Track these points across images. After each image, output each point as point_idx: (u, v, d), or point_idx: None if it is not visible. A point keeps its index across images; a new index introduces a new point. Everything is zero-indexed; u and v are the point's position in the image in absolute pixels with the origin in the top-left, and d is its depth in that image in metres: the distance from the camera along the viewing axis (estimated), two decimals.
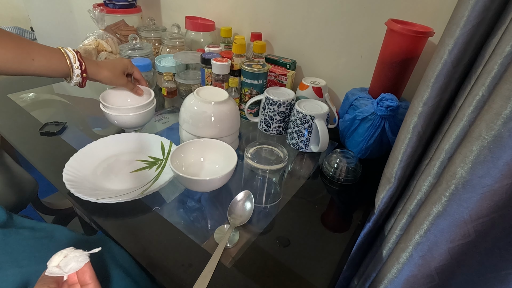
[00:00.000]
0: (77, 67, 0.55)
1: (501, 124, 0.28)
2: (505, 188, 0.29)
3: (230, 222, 0.46)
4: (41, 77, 0.61)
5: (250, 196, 0.49)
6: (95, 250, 0.31)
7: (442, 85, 0.40)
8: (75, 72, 0.55)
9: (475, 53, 0.40)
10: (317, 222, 0.49)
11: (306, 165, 0.63)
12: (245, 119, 0.75)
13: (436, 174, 0.41)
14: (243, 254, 0.43)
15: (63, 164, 0.51)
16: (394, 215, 0.52)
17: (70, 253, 0.30)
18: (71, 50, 0.55)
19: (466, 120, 0.36)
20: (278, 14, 0.81)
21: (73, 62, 0.54)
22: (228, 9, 0.90)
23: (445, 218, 0.34)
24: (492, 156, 0.29)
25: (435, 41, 0.60)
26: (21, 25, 1.62)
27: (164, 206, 0.49)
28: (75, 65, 0.55)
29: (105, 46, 0.93)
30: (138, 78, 0.68)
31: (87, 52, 0.91)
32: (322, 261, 0.43)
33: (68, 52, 0.54)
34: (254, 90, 0.70)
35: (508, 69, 0.29)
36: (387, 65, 0.61)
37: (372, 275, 0.49)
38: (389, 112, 0.57)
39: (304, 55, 0.81)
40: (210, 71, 0.71)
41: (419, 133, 0.44)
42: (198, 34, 0.89)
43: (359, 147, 0.64)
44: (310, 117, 0.62)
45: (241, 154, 0.63)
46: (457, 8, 0.37)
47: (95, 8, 0.88)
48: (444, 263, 0.35)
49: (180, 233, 0.44)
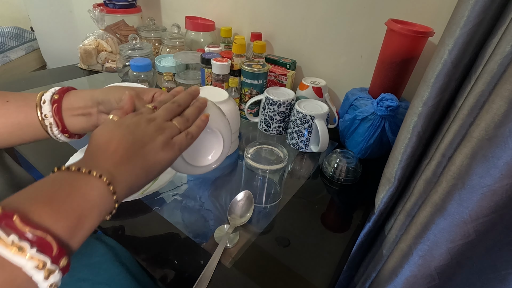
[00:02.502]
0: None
1: (501, 124, 0.28)
2: (505, 188, 0.29)
3: (230, 222, 0.46)
4: (40, 77, 0.59)
5: (250, 196, 0.49)
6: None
7: (442, 85, 0.40)
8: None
9: (475, 53, 0.40)
10: (317, 222, 0.49)
11: (306, 165, 0.63)
12: (245, 119, 0.75)
13: (436, 174, 0.41)
14: (243, 254, 0.43)
15: (63, 164, 0.50)
16: (394, 215, 0.52)
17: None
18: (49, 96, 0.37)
19: (466, 120, 0.36)
20: (278, 14, 0.81)
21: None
22: (228, 9, 0.90)
23: (445, 218, 0.34)
24: (492, 156, 0.29)
25: (435, 41, 0.60)
26: (21, 25, 1.62)
27: (164, 206, 0.49)
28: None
29: (105, 46, 0.93)
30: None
31: (87, 52, 0.91)
32: (322, 261, 0.43)
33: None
34: (254, 90, 0.70)
35: (508, 69, 0.29)
36: (387, 65, 0.61)
37: (372, 275, 0.49)
38: (389, 112, 0.57)
39: (304, 55, 0.81)
40: (210, 71, 0.71)
41: (419, 133, 0.44)
42: (198, 34, 0.89)
43: (359, 147, 0.64)
44: (310, 117, 0.62)
45: (241, 154, 0.63)
46: (457, 8, 0.37)
47: (95, 8, 0.88)
48: (444, 263, 0.35)
49: (180, 233, 0.44)
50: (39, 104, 0.36)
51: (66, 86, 0.39)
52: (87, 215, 0.23)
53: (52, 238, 0.20)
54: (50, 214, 0.21)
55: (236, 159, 0.63)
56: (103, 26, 0.92)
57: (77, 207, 0.23)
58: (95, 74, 0.93)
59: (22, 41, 1.58)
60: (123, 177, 0.27)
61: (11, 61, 1.52)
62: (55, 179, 0.24)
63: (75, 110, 0.37)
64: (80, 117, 0.37)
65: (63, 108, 0.36)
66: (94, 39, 0.92)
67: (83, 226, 0.23)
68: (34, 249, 0.18)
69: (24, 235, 0.18)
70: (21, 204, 0.20)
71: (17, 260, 0.18)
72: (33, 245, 0.18)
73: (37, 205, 0.20)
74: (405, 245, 0.39)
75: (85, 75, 0.92)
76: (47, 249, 0.19)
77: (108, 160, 0.27)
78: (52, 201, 0.21)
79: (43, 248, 0.19)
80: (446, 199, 0.33)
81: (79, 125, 0.37)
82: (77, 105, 0.37)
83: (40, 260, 0.18)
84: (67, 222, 0.21)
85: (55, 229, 0.20)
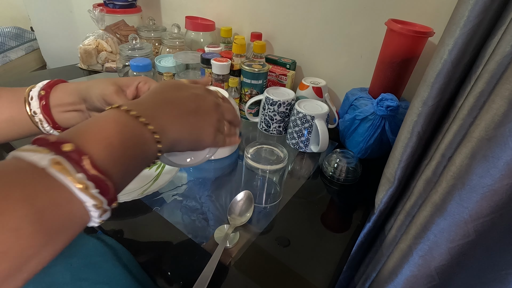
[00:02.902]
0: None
1: (501, 124, 0.28)
2: (505, 188, 0.29)
3: (230, 222, 0.46)
4: (40, 77, 0.58)
5: (250, 196, 0.49)
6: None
7: (442, 85, 0.40)
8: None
9: (475, 53, 0.40)
10: (317, 222, 0.49)
11: (306, 165, 0.63)
12: (245, 119, 0.75)
13: (436, 174, 0.41)
14: (243, 254, 0.43)
15: None
16: (394, 215, 0.52)
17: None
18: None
19: (466, 120, 0.36)
20: (278, 14, 0.81)
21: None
22: (228, 9, 0.90)
23: (445, 218, 0.34)
24: (492, 156, 0.29)
25: (435, 41, 0.60)
26: (21, 25, 1.62)
27: (164, 206, 0.49)
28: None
29: (105, 46, 0.93)
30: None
31: (87, 52, 0.91)
32: (322, 261, 0.43)
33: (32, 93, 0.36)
34: (254, 90, 0.70)
35: (508, 69, 0.29)
36: (387, 65, 0.61)
37: (372, 275, 0.49)
38: (389, 112, 0.57)
39: (304, 55, 0.81)
40: (210, 71, 0.71)
41: (419, 133, 0.44)
42: (198, 34, 0.89)
43: (359, 147, 0.64)
44: (310, 117, 0.62)
45: (241, 154, 0.63)
46: (457, 8, 0.37)
47: (95, 8, 0.88)
48: (444, 263, 0.35)
49: (180, 233, 0.44)
50: (27, 100, 0.35)
51: (54, 80, 0.37)
52: (137, 166, 0.26)
53: (112, 184, 0.22)
54: (113, 161, 0.23)
55: (236, 159, 0.63)
56: (103, 26, 0.92)
57: (132, 158, 0.25)
58: (95, 74, 0.93)
59: (22, 41, 1.58)
60: (172, 135, 0.29)
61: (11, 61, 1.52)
62: (118, 121, 0.25)
63: (65, 106, 0.36)
64: (73, 113, 0.36)
65: (52, 105, 0.36)
66: (94, 39, 0.92)
67: (132, 175, 0.26)
68: (97, 190, 0.21)
69: (90, 176, 0.21)
70: (90, 145, 0.22)
71: (82, 196, 0.20)
72: (96, 186, 0.21)
73: (104, 151, 0.23)
74: (405, 245, 0.39)
75: (85, 75, 0.92)
76: (106, 192, 0.22)
77: (165, 116, 0.29)
78: (115, 149, 0.23)
79: (103, 191, 0.21)
80: (446, 199, 0.33)
81: (73, 120, 0.37)
82: (66, 101, 0.36)
83: (99, 200, 0.21)
84: (123, 170, 0.24)
85: (114, 175, 0.23)
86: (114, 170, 0.23)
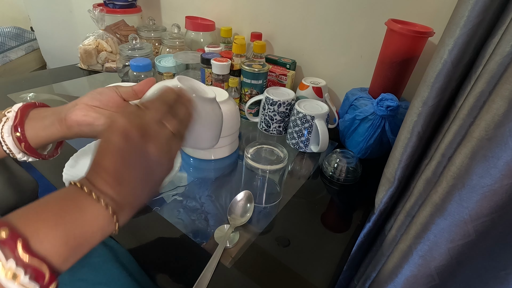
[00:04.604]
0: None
1: (501, 124, 0.28)
2: (505, 188, 0.29)
3: (230, 222, 0.46)
4: (40, 77, 0.57)
5: (250, 196, 0.49)
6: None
7: (442, 85, 0.40)
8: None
9: (475, 53, 0.40)
10: (317, 222, 0.49)
11: (306, 165, 0.63)
12: (245, 119, 0.75)
13: (436, 174, 0.41)
14: (243, 254, 0.43)
15: (63, 164, 0.51)
16: (394, 215, 0.52)
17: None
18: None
19: (466, 120, 0.36)
20: (278, 14, 0.81)
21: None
22: (228, 9, 0.90)
23: (445, 218, 0.34)
24: (492, 156, 0.29)
25: (435, 41, 0.60)
26: (21, 25, 1.62)
27: (164, 206, 0.49)
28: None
29: (105, 46, 0.93)
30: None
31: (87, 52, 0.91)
32: (322, 261, 0.43)
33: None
34: (254, 90, 0.70)
35: (508, 69, 0.29)
36: (387, 65, 0.61)
37: (372, 275, 0.49)
38: (389, 112, 0.57)
39: (304, 55, 0.81)
40: (210, 71, 0.71)
41: (419, 133, 0.44)
42: (198, 34, 0.89)
43: (359, 147, 0.64)
44: (310, 117, 0.62)
45: (241, 154, 0.63)
46: (457, 8, 0.37)
47: (95, 8, 0.88)
48: (444, 263, 0.35)
49: (180, 233, 0.44)
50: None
51: (17, 117, 0.32)
52: (86, 244, 0.23)
53: (47, 268, 0.20)
54: (53, 241, 0.21)
55: (236, 159, 0.63)
56: (103, 26, 0.92)
57: (79, 236, 0.22)
58: (95, 74, 0.93)
59: (22, 41, 1.58)
60: (126, 201, 0.25)
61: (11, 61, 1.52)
62: (65, 197, 0.23)
63: (42, 129, 0.33)
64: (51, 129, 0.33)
65: (32, 144, 0.33)
66: (94, 39, 0.92)
67: (79, 253, 0.23)
68: (27, 277, 0.19)
69: (21, 262, 0.19)
70: (28, 226, 0.20)
71: (10, 285, 0.18)
72: (27, 273, 0.19)
73: (43, 229, 0.21)
74: (405, 245, 0.39)
75: (85, 75, 0.92)
76: (39, 277, 0.20)
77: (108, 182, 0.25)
78: (57, 227, 0.21)
79: (36, 276, 0.19)
80: (446, 199, 0.33)
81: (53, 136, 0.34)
82: (51, 137, 0.33)
83: (31, 286, 0.19)
84: (66, 251, 0.21)
85: (52, 257, 0.20)
86: (56, 254, 0.21)
